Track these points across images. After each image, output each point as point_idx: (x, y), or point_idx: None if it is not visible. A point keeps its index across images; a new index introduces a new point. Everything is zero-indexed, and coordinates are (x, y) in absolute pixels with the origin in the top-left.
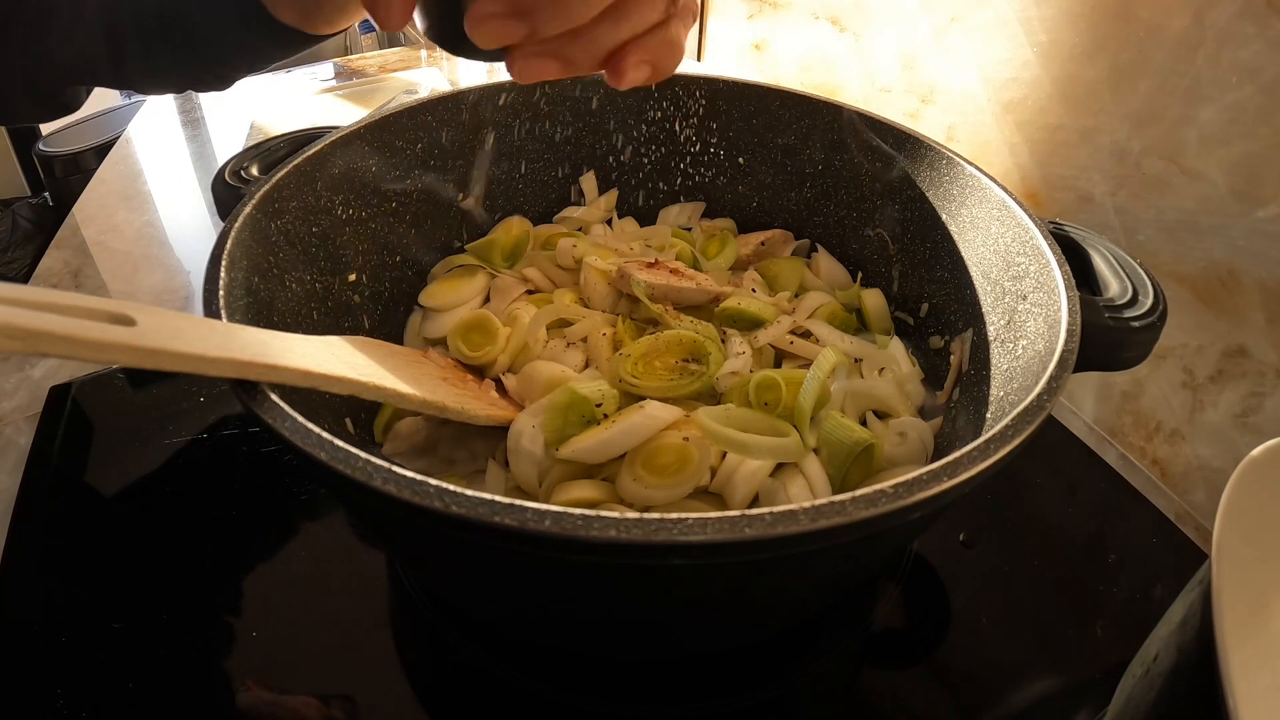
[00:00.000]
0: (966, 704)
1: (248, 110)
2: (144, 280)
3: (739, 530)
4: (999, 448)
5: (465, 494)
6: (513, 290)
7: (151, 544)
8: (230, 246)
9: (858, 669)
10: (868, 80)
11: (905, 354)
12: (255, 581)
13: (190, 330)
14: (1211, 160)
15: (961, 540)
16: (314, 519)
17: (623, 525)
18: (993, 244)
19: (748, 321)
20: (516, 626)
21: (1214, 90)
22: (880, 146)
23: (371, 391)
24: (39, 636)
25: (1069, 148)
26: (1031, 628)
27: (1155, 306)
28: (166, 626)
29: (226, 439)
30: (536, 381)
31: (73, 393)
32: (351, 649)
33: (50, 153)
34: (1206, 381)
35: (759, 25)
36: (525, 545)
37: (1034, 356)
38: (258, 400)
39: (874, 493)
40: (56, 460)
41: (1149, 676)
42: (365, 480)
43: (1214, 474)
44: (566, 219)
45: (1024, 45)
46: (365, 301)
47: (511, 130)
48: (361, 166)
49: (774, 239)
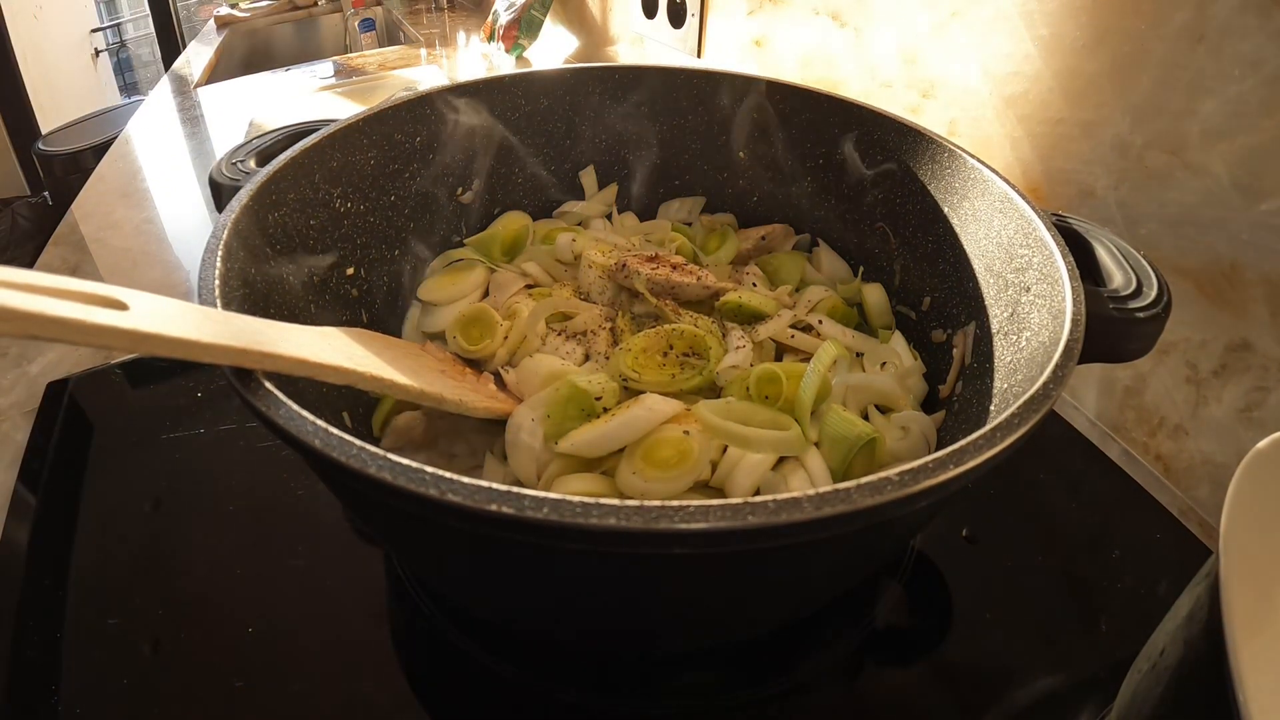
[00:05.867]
0: (969, 701)
1: (246, 108)
2: (142, 277)
3: (742, 518)
4: (1005, 436)
5: (462, 481)
6: (512, 285)
7: (148, 540)
8: (227, 237)
9: (860, 666)
10: (868, 75)
11: (907, 348)
12: (252, 577)
13: (184, 316)
14: (1214, 153)
15: (964, 536)
16: (311, 514)
17: (623, 513)
18: (995, 236)
19: (748, 315)
20: (515, 622)
21: (1216, 83)
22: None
23: (368, 382)
24: (34, 632)
25: (1071, 141)
26: (1035, 624)
27: (1160, 298)
28: (163, 622)
29: (223, 434)
30: (536, 375)
31: (70, 388)
32: (349, 645)
33: (49, 152)
34: (1210, 376)
35: (759, 22)
36: (523, 534)
37: (1038, 348)
38: (252, 389)
39: (879, 480)
40: (53, 456)
41: (1155, 671)
42: (360, 468)
43: (1218, 469)
44: (566, 213)
45: (1025, 39)
46: (363, 295)
47: (511, 124)
48: (360, 159)
49: (775, 233)
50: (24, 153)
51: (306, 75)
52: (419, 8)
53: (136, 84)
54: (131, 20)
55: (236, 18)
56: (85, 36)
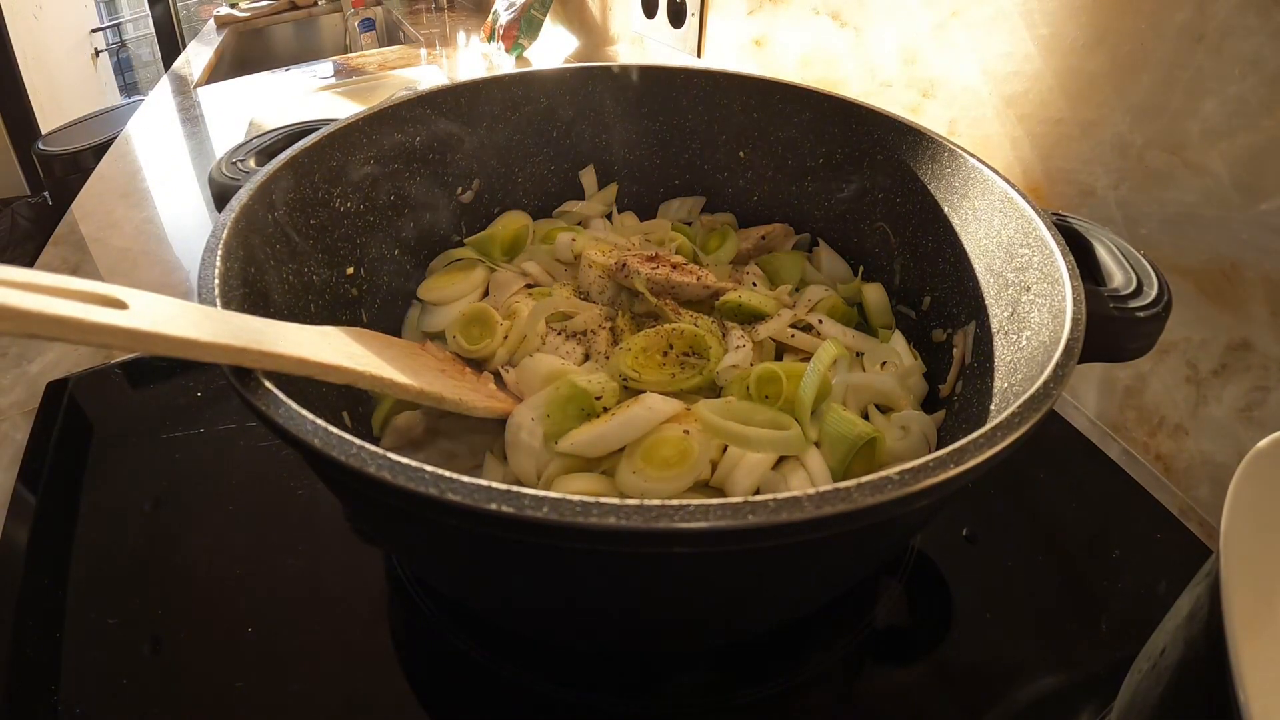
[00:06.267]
0: (969, 701)
1: (246, 108)
2: (141, 276)
3: (742, 516)
4: (1006, 435)
5: (462, 480)
6: (512, 284)
7: (147, 540)
8: (226, 237)
9: (860, 666)
10: (868, 75)
11: (907, 347)
12: (252, 577)
13: (183, 315)
14: (1214, 153)
15: (964, 536)
16: (311, 514)
17: (623, 511)
18: (995, 236)
19: (748, 315)
20: (515, 621)
21: (1216, 82)
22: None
23: (368, 381)
24: (33, 632)
25: (1071, 141)
26: (1035, 624)
27: (1160, 297)
28: (163, 622)
29: (223, 434)
30: (536, 375)
31: (69, 388)
32: (348, 644)
33: (49, 152)
34: (1210, 376)
35: (759, 21)
36: (522, 533)
37: (1038, 347)
38: (252, 388)
39: (880, 479)
40: (53, 455)
41: (1156, 670)
42: (360, 467)
43: (1218, 469)
44: (566, 213)
45: (1025, 39)
46: (363, 295)
47: (511, 124)
48: (359, 159)
49: (775, 233)
50: (24, 153)
51: (306, 75)
52: (419, 8)
53: (136, 84)
54: (131, 20)
55: (236, 18)
56: (85, 36)
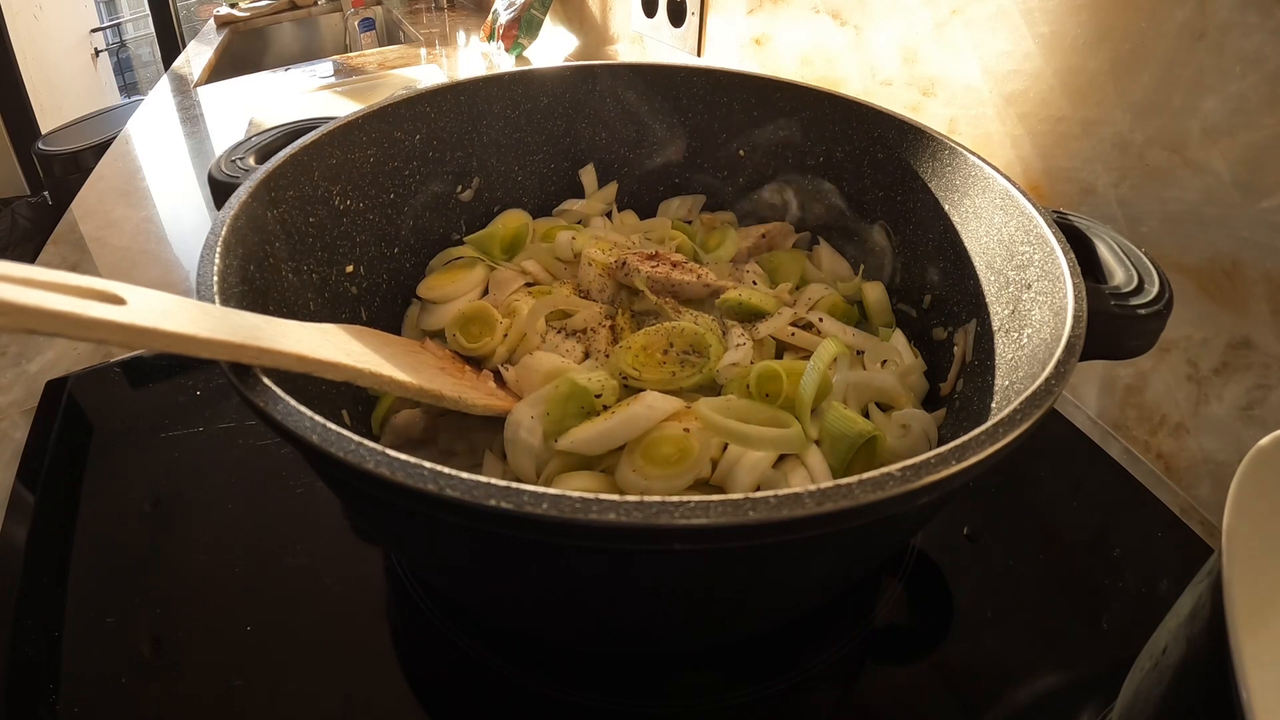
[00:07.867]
0: (970, 700)
1: (246, 107)
2: (141, 275)
3: (743, 513)
4: (1007, 433)
5: (461, 477)
6: (512, 283)
7: (146, 538)
8: (226, 234)
9: (860, 665)
10: (869, 74)
11: (908, 345)
12: (251, 576)
13: (182, 311)
14: (1215, 151)
15: (965, 535)
16: (311, 513)
17: (623, 508)
18: (996, 234)
19: (749, 313)
20: (514, 620)
21: (1217, 80)
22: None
23: (367, 378)
24: (32, 631)
25: (1071, 139)
26: (1035, 623)
27: (1161, 295)
28: (162, 622)
29: (223, 432)
30: (535, 373)
31: (69, 387)
32: (348, 644)
33: (49, 152)
34: (1211, 374)
35: (759, 20)
36: (522, 530)
37: (1039, 345)
38: (250, 385)
39: (881, 476)
40: (52, 454)
41: (1158, 669)
42: (359, 463)
43: (1219, 468)
44: (566, 212)
45: (1025, 37)
46: (363, 293)
47: (511, 122)
48: (359, 157)
49: (775, 231)
50: (24, 153)
51: (306, 75)
52: (419, 7)
53: (136, 84)
54: (131, 20)
55: (236, 17)
56: (85, 36)
